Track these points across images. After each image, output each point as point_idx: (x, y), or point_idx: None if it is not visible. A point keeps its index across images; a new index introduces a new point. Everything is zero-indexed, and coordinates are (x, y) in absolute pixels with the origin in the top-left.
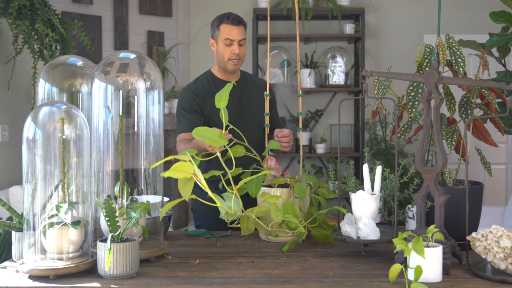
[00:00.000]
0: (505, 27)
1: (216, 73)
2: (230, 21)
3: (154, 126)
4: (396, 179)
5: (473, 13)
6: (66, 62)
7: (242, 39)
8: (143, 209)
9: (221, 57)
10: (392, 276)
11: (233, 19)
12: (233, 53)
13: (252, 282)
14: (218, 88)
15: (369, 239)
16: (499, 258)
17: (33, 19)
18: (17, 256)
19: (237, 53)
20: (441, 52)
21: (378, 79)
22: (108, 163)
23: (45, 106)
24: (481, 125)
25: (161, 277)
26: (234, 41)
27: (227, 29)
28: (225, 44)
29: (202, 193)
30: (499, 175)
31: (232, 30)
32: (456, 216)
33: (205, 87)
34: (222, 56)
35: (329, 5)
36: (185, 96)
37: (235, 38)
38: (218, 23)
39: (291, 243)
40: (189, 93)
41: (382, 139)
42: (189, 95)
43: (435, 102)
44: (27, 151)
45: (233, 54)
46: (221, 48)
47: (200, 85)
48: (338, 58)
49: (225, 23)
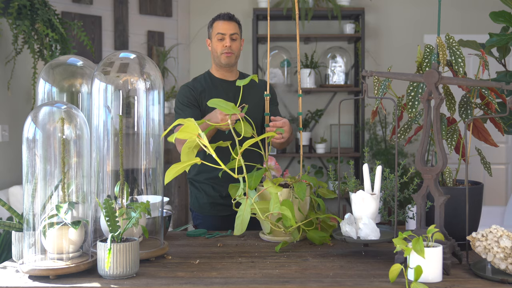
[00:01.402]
0: (505, 27)
1: (214, 73)
2: (221, 17)
3: (154, 126)
4: (396, 179)
5: (473, 13)
6: (66, 62)
7: (234, 33)
8: (143, 209)
9: (215, 53)
10: (392, 276)
11: (224, 15)
12: (224, 46)
13: (252, 282)
14: (215, 85)
15: (369, 239)
16: (499, 258)
17: (33, 19)
18: (17, 256)
19: (228, 45)
20: (441, 52)
21: (378, 79)
22: (108, 163)
23: (45, 106)
24: (481, 125)
25: (161, 277)
26: (225, 34)
27: (219, 24)
28: (217, 39)
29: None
30: (499, 175)
31: (224, 25)
32: (456, 216)
33: (202, 84)
34: (215, 52)
35: (329, 5)
36: (182, 91)
37: (226, 32)
38: (211, 22)
39: (284, 242)
40: (186, 89)
41: (382, 139)
42: (186, 90)
43: (435, 102)
44: (27, 151)
45: (224, 47)
46: (214, 44)
47: (197, 82)
48: (338, 58)
49: (218, 20)
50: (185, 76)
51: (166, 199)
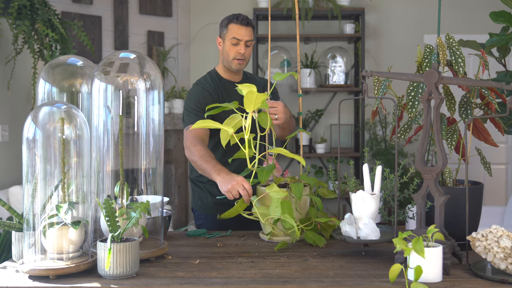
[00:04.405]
0: (505, 27)
1: (220, 72)
2: (239, 21)
3: (154, 126)
4: (396, 179)
5: (473, 13)
6: (66, 62)
7: (249, 40)
8: (143, 209)
9: (226, 56)
10: (392, 276)
11: (242, 19)
12: (238, 52)
13: (252, 282)
14: (223, 87)
15: (369, 239)
16: (499, 258)
17: (33, 19)
18: (17, 256)
19: (242, 53)
20: (441, 52)
21: (378, 79)
22: (108, 163)
23: (45, 106)
24: (481, 125)
25: (161, 277)
26: (241, 40)
27: (235, 28)
28: (231, 43)
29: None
30: (499, 175)
31: (240, 30)
32: (456, 216)
33: (212, 86)
34: (227, 55)
35: (329, 5)
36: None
37: (242, 38)
38: (227, 22)
39: (283, 243)
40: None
41: (382, 139)
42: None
43: (435, 102)
44: (27, 151)
45: (238, 53)
46: (227, 47)
47: (208, 84)
48: (338, 58)
49: (234, 23)
50: (185, 76)
51: (166, 199)
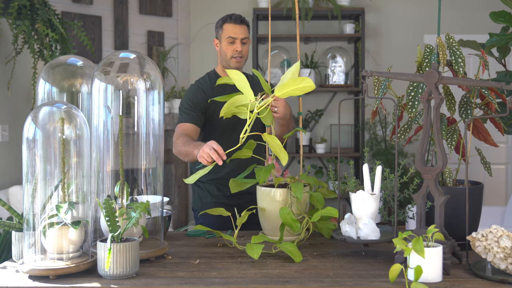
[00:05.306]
0: (505, 27)
1: (220, 73)
2: (232, 20)
3: (154, 126)
4: (396, 179)
5: (473, 13)
6: (66, 62)
7: (244, 38)
8: (143, 209)
9: (224, 56)
10: (392, 276)
11: (235, 18)
12: (235, 50)
13: (252, 282)
14: (222, 88)
15: (369, 239)
16: (499, 258)
17: (33, 19)
18: (17, 256)
19: (239, 50)
20: (441, 52)
21: (378, 79)
22: (108, 163)
23: (45, 106)
24: (481, 125)
25: (161, 277)
26: (236, 39)
27: (230, 27)
28: (228, 42)
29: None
30: (499, 175)
31: (235, 29)
32: (456, 216)
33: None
34: (225, 55)
35: (329, 5)
36: (192, 92)
37: (237, 36)
38: (221, 23)
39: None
40: (196, 90)
41: (382, 139)
42: (195, 92)
43: (435, 102)
44: (27, 151)
45: (235, 51)
46: (224, 46)
47: (205, 84)
48: (338, 58)
49: (228, 22)
50: (185, 76)
51: (166, 199)
